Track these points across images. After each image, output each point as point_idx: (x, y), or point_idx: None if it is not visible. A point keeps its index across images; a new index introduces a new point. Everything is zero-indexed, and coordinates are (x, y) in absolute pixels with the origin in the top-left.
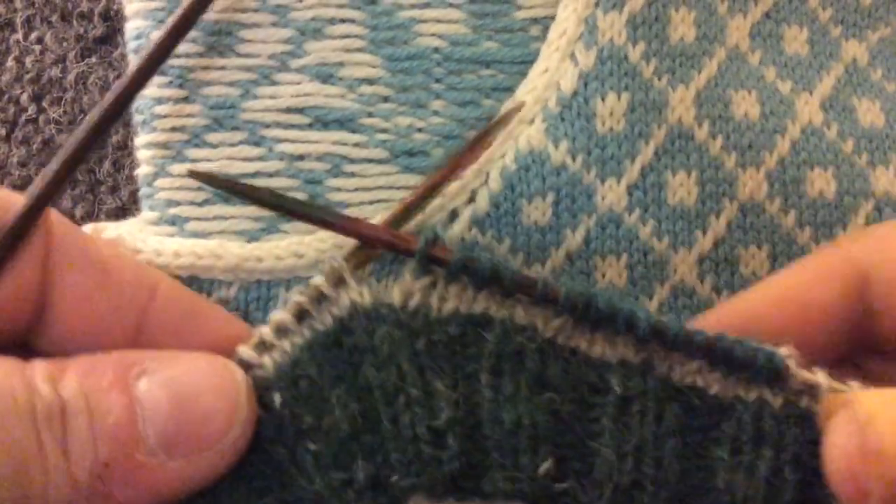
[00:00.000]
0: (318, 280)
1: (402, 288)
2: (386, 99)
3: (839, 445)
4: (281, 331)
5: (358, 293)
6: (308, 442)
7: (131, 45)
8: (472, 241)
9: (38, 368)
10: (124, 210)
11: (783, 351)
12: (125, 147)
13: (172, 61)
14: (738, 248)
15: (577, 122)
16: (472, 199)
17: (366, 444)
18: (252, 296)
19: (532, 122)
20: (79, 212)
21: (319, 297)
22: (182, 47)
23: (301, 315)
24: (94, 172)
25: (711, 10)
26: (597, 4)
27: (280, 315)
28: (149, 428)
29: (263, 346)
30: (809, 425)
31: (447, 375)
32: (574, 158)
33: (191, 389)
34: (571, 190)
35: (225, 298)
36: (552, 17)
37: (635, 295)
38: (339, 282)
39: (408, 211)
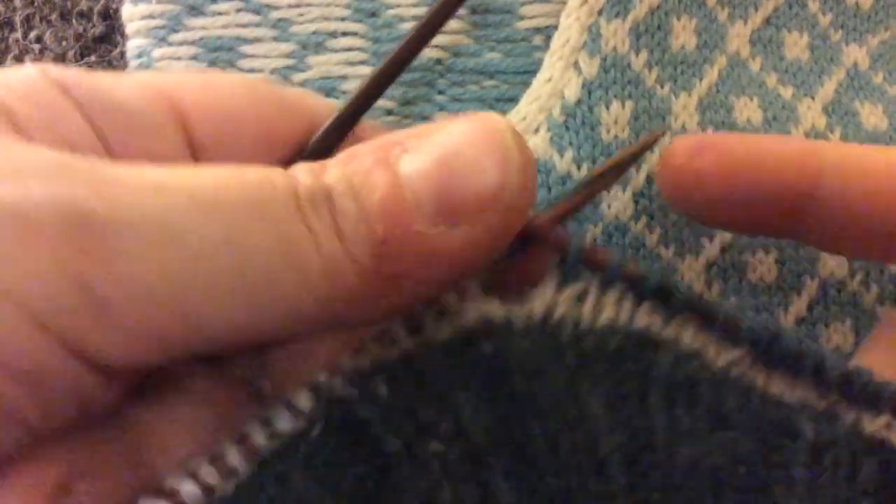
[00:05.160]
0: None
1: (544, 299)
2: (389, 112)
3: None
4: (386, 341)
5: (487, 307)
6: (431, 440)
7: (133, 63)
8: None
9: (297, 166)
10: None
11: None
12: None
13: None
14: (746, 253)
15: (582, 130)
16: None
17: (505, 461)
18: None
19: (537, 131)
20: None
21: (440, 310)
22: (184, 64)
23: (414, 328)
24: None
25: (712, 17)
26: (600, 13)
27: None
28: (421, 197)
29: (360, 346)
30: None
31: (605, 395)
32: (579, 167)
33: (454, 148)
34: None
35: None
36: (554, 27)
37: None
38: (462, 296)
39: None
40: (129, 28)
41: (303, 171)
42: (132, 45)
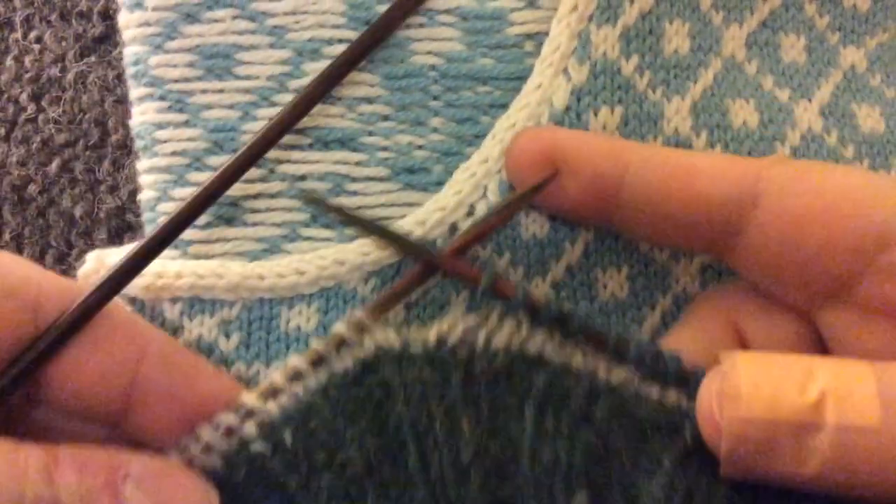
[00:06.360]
0: (340, 327)
1: (441, 328)
2: (385, 117)
3: (705, 389)
4: (294, 376)
5: (384, 337)
6: (321, 477)
7: (130, 70)
8: (472, 256)
9: (32, 458)
10: (123, 209)
11: None
12: (125, 146)
13: (171, 86)
14: None
15: None
16: (470, 213)
17: (381, 482)
18: (255, 315)
19: None
20: (78, 211)
21: (339, 344)
22: (180, 71)
23: (318, 361)
24: (93, 172)
25: (706, 21)
26: (590, 19)
27: (294, 360)
28: None
29: (272, 392)
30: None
31: (483, 407)
32: None
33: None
34: None
35: (227, 318)
36: (546, 33)
37: (638, 306)
38: (362, 329)
39: (471, 243)
40: (126, 35)
41: (34, 468)
42: (128, 53)
